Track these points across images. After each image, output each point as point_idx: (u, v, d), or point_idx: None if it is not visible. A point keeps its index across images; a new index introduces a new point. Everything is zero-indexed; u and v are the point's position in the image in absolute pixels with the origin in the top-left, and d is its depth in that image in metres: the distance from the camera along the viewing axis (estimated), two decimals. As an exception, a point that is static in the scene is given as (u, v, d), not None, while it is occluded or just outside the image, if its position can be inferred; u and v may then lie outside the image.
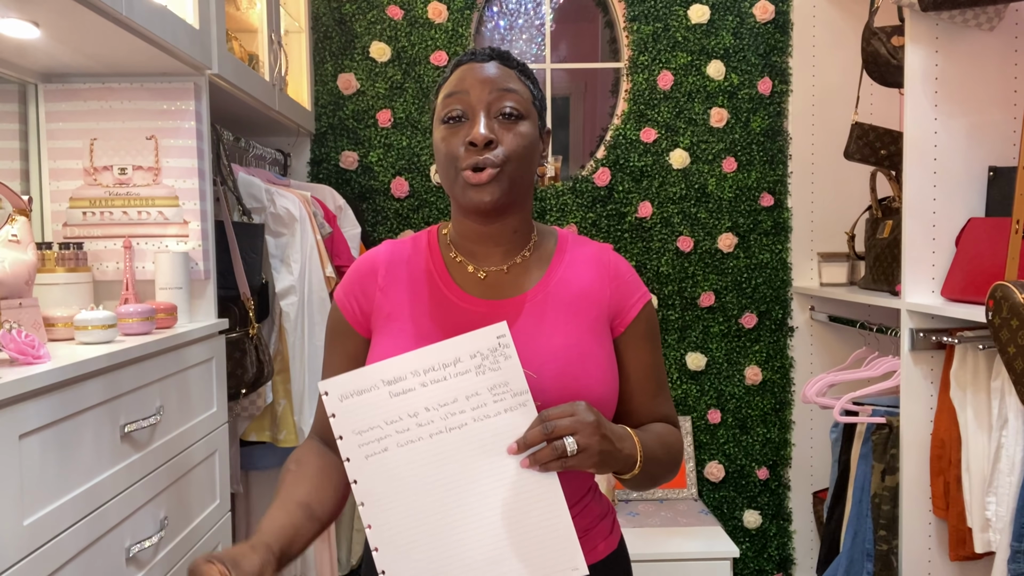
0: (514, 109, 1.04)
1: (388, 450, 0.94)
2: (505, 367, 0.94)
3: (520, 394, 0.94)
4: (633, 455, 0.99)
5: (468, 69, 1.07)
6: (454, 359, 0.94)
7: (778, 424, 2.87)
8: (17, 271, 1.31)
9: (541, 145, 1.11)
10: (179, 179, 1.71)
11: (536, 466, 0.92)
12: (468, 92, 1.04)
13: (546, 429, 0.92)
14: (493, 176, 1.02)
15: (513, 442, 0.93)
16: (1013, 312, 1.50)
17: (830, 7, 2.79)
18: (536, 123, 1.09)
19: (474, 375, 0.94)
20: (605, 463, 0.95)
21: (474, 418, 0.94)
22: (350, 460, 0.95)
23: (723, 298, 2.84)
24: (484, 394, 0.94)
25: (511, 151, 1.03)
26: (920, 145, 1.97)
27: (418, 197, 2.79)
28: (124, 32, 1.41)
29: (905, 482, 2.02)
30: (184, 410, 1.56)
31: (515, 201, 1.08)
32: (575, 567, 0.93)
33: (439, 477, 0.94)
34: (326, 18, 2.75)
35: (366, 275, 1.13)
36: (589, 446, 0.92)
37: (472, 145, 1.02)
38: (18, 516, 1.03)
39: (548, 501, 0.94)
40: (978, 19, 1.90)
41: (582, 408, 0.94)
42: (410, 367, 0.94)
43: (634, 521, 2.58)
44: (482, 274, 1.11)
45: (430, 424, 0.94)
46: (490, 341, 0.94)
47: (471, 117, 1.04)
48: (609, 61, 2.92)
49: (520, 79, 1.08)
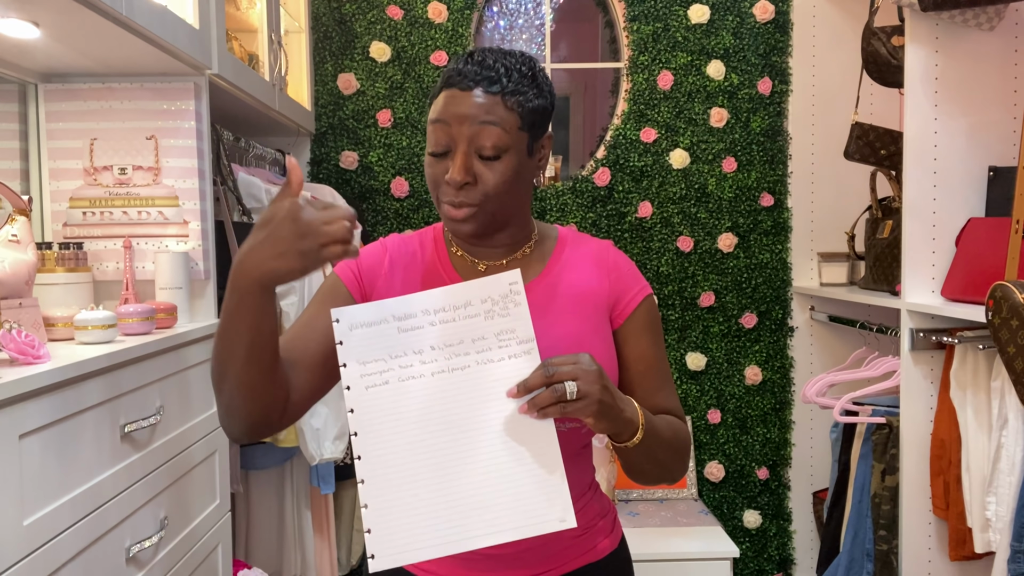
0: (493, 148, 1.01)
1: (389, 383, 0.95)
2: (514, 314, 0.95)
3: (526, 342, 0.95)
4: (634, 420, 0.99)
5: (452, 96, 1.03)
6: (465, 302, 0.96)
7: (778, 424, 2.87)
8: (17, 271, 1.31)
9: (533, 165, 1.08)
10: (179, 179, 1.71)
11: (534, 412, 0.92)
12: (450, 124, 1.02)
13: (547, 372, 0.92)
14: (471, 214, 1.03)
15: (514, 385, 0.93)
16: (1013, 312, 1.50)
17: (830, 7, 2.79)
18: (523, 148, 1.05)
19: (483, 319, 0.95)
20: (604, 415, 0.94)
21: (477, 361, 0.94)
22: (350, 388, 0.95)
23: (723, 298, 2.84)
24: (490, 338, 0.95)
25: (489, 190, 1.02)
26: (920, 145, 1.97)
27: (418, 197, 2.79)
28: (124, 32, 1.41)
29: (905, 482, 2.02)
30: (184, 410, 1.56)
31: (500, 225, 1.08)
32: (563, 519, 0.93)
33: (436, 416, 0.94)
34: (326, 18, 2.75)
35: (374, 257, 1.13)
36: (589, 393, 0.92)
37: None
38: (18, 516, 1.03)
39: (543, 450, 0.93)
40: (978, 19, 1.90)
41: (586, 358, 0.94)
42: (421, 306, 0.96)
43: (634, 521, 2.58)
44: (482, 266, 1.12)
45: (433, 362, 0.95)
46: (502, 287, 0.95)
47: (453, 151, 1.03)
48: (609, 61, 2.92)
49: (506, 104, 1.02)
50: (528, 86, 1.04)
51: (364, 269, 1.12)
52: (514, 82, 1.03)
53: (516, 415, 0.94)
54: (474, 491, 0.93)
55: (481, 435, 0.94)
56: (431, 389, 0.95)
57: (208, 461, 1.66)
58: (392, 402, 0.95)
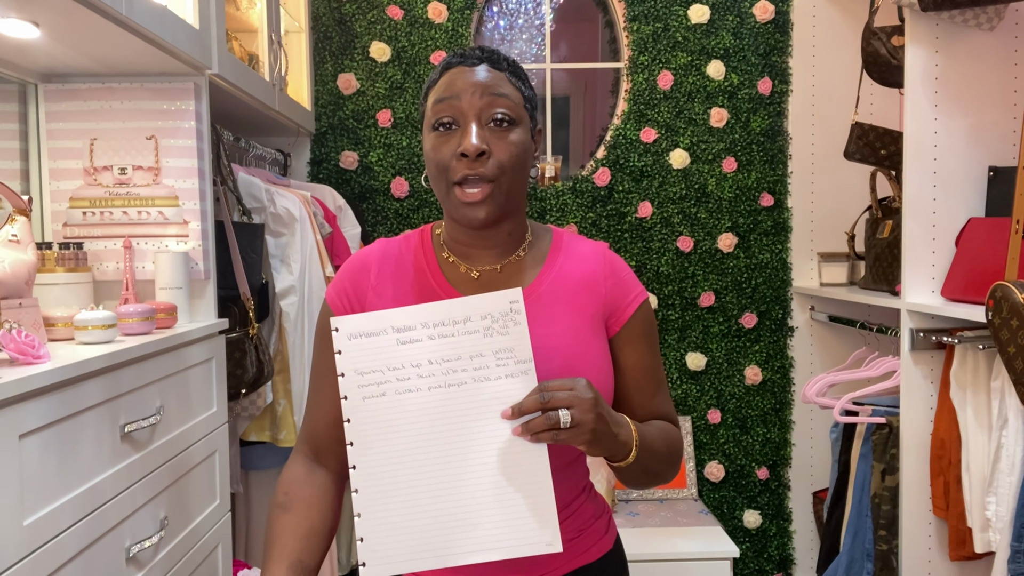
0: (506, 115, 1.02)
1: (386, 395, 0.95)
2: (513, 333, 0.95)
3: (523, 362, 0.94)
4: (629, 443, 0.99)
5: (458, 72, 1.04)
6: (464, 317, 0.95)
7: (778, 424, 2.87)
8: (17, 271, 1.31)
9: (534, 147, 1.09)
10: (179, 179, 1.71)
11: (527, 435, 0.92)
12: (458, 97, 1.01)
13: (543, 398, 0.92)
14: (487, 193, 1.01)
15: (508, 407, 0.93)
16: (1013, 312, 1.50)
17: (830, 7, 2.79)
18: (528, 127, 1.06)
19: (481, 336, 0.95)
20: (597, 442, 0.94)
21: (474, 378, 0.94)
22: (347, 399, 0.96)
23: (723, 298, 2.84)
24: (488, 356, 0.94)
25: (504, 161, 1.01)
26: (920, 145, 1.97)
27: (418, 197, 2.79)
28: (124, 32, 1.41)
29: (905, 482, 2.02)
30: (184, 410, 1.56)
31: (509, 211, 1.06)
32: (549, 543, 0.93)
33: (430, 430, 0.94)
34: (326, 18, 2.75)
35: (358, 273, 1.12)
36: (583, 422, 0.91)
37: (463, 156, 1.00)
38: (18, 516, 1.03)
39: (533, 472, 0.93)
40: (978, 19, 1.90)
41: (582, 385, 0.94)
42: (421, 318, 0.96)
43: (634, 521, 2.58)
44: (475, 274, 1.10)
45: (431, 377, 0.95)
46: (502, 305, 0.95)
47: (462, 125, 1.02)
48: (609, 61, 2.92)
49: (511, 81, 1.05)
50: (522, 76, 1.09)
51: (351, 289, 1.11)
52: (512, 67, 1.08)
53: (509, 436, 0.93)
54: (465, 508, 0.94)
55: (474, 453, 0.94)
56: (427, 403, 0.95)
57: (208, 461, 1.66)
58: (388, 414, 0.95)
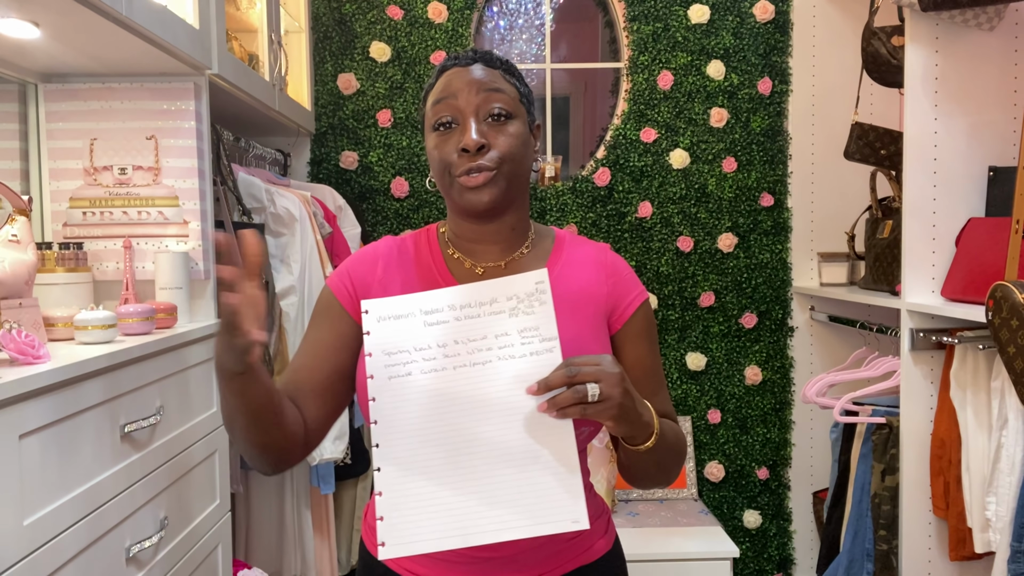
0: (502, 109, 1.05)
1: (411, 374, 0.96)
2: (539, 312, 0.96)
3: (549, 339, 0.95)
4: (651, 424, 0.99)
5: (454, 74, 1.08)
6: (491, 299, 0.97)
7: (778, 424, 2.87)
8: (17, 271, 1.31)
9: (533, 141, 1.12)
10: (179, 179, 1.71)
11: (553, 411, 0.91)
12: (456, 96, 1.05)
13: (570, 372, 0.91)
14: (489, 178, 1.03)
15: (534, 383, 0.93)
16: (1013, 312, 1.50)
17: (830, 7, 2.79)
18: (526, 120, 1.10)
19: (507, 316, 0.96)
20: (624, 418, 0.93)
21: (499, 356, 0.95)
22: (374, 377, 0.97)
23: (723, 298, 2.84)
24: (513, 335, 0.96)
25: (504, 152, 1.05)
26: (920, 145, 1.97)
27: (418, 197, 2.79)
28: (124, 32, 1.41)
29: (905, 482, 2.02)
30: (184, 410, 1.56)
31: (512, 199, 1.09)
32: (576, 520, 0.92)
33: (454, 409, 0.95)
34: (326, 18, 2.75)
35: (366, 266, 1.13)
36: (611, 396, 0.91)
37: (465, 151, 1.03)
38: (18, 516, 1.03)
39: (560, 450, 0.93)
40: (978, 19, 1.90)
41: (608, 360, 0.93)
42: (448, 301, 0.98)
43: (634, 521, 2.58)
44: (480, 270, 1.12)
45: (456, 356, 0.96)
46: (528, 286, 0.97)
47: (461, 122, 1.05)
48: (609, 61, 2.92)
49: (505, 78, 1.09)
50: (515, 73, 1.12)
51: (356, 279, 1.12)
52: (505, 65, 1.11)
53: (534, 413, 0.93)
54: (489, 486, 0.93)
55: (497, 430, 0.94)
56: (452, 382, 0.95)
57: (208, 461, 1.66)
58: (413, 393, 0.96)
